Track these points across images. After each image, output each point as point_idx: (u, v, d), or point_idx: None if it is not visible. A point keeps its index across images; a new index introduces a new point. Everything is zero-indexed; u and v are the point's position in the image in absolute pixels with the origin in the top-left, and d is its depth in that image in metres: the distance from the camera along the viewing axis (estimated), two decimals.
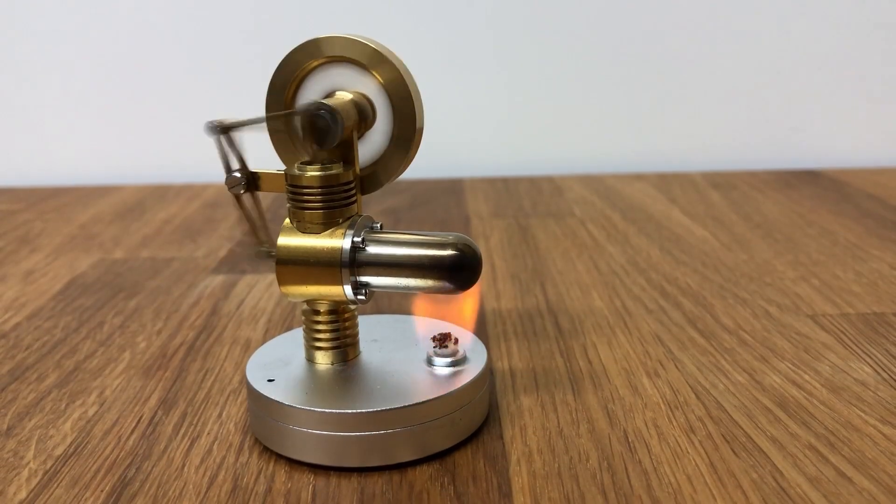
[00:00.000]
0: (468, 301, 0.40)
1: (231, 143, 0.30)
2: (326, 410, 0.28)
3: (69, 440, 0.31)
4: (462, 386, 0.30)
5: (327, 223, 0.30)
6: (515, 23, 0.77)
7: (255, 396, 0.30)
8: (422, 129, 0.32)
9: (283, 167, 0.32)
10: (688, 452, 0.29)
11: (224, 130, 0.30)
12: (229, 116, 0.30)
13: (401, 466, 0.29)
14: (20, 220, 0.65)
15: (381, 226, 0.31)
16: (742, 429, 0.31)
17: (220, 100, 0.77)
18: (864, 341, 0.38)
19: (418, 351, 0.33)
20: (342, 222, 0.30)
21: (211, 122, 0.29)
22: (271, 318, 0.43)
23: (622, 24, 0.77)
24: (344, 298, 0.30)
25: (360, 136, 0.32)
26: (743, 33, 0.77)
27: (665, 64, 0.78)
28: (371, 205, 0.66)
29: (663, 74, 0.78)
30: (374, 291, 0.31)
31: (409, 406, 0.29)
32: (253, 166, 0.31)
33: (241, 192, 0.31)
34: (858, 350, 0.37)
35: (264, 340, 0.40)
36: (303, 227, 0.30)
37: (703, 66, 0.78)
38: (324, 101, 0.29)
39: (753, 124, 0.79)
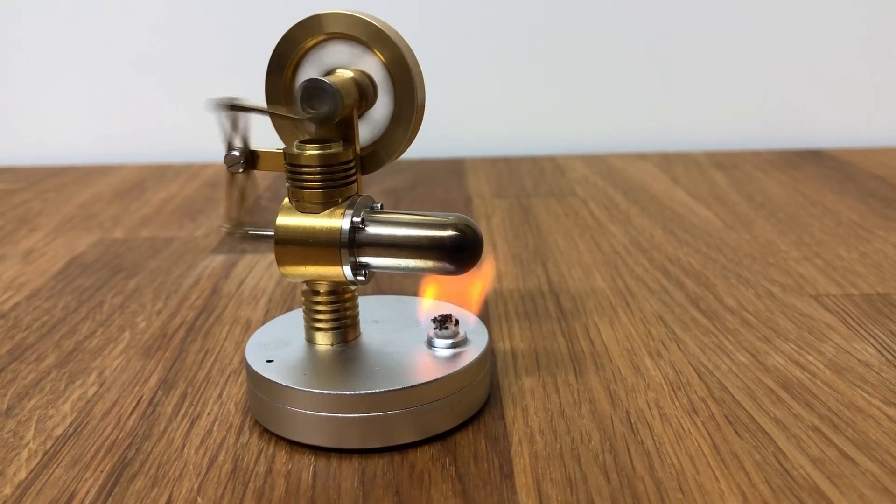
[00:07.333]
0: (476, 284, 0.40)
1: (235, 121, 0.30)
2: (326, 392, 0.28)
3: (69, 420, 0.31)
4: (462, 367, 0.30)
5: (326, 203, 0.30)
6: (518, 2, 0.76)
7: (254, 377, 0.30)
8: (423, 108, 0.32)
9: (283, 145, 0.31)
10: (690, 433, 0.29)
11: (229, 108, 0.29)
12: (235, 96, 0.30)
13: (402, 448, 0.29)
14: (19, 200, 0.65)
15: (381, 206, 0.31)
16: (745, 410, 0.31)
17: (220, 78, 0.77)
18: (868, 322, 0.38)
19: (419, 332, 0.33)
20: (342, 202, 0.30)
21: (217, 100, 0.29)
22: (272, 299, 0.43)
23: (626, 2, 0.76)
24: (343, 279, 0.30)
25: (361, 114, 0.32)
26: (746, 13, 0.76)
27: (668, 43, 0.77)
28: (371, 185, 0.66)
29: (666, 54, 0.77)
30: (373, 272, 0.31)
31: (410, 387, 0.28)
32: (252, 145, 0.31)
33: (240, 170, 0.31)
34: (862, 331, 0.37)
35: (265, 321, 0.40)
36: (302, 207, 0.30)
37: (706, 46, 0.77)
38: (323, 79, 0.29)
39: (757, 104, 0.79)
